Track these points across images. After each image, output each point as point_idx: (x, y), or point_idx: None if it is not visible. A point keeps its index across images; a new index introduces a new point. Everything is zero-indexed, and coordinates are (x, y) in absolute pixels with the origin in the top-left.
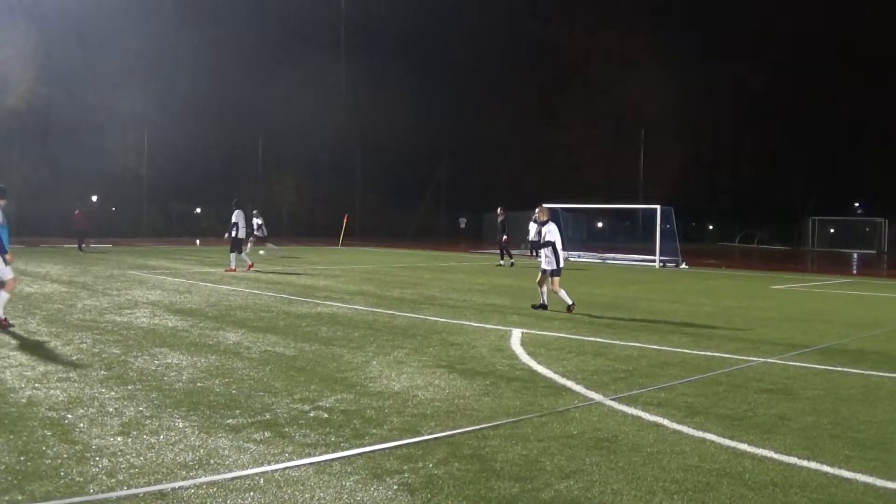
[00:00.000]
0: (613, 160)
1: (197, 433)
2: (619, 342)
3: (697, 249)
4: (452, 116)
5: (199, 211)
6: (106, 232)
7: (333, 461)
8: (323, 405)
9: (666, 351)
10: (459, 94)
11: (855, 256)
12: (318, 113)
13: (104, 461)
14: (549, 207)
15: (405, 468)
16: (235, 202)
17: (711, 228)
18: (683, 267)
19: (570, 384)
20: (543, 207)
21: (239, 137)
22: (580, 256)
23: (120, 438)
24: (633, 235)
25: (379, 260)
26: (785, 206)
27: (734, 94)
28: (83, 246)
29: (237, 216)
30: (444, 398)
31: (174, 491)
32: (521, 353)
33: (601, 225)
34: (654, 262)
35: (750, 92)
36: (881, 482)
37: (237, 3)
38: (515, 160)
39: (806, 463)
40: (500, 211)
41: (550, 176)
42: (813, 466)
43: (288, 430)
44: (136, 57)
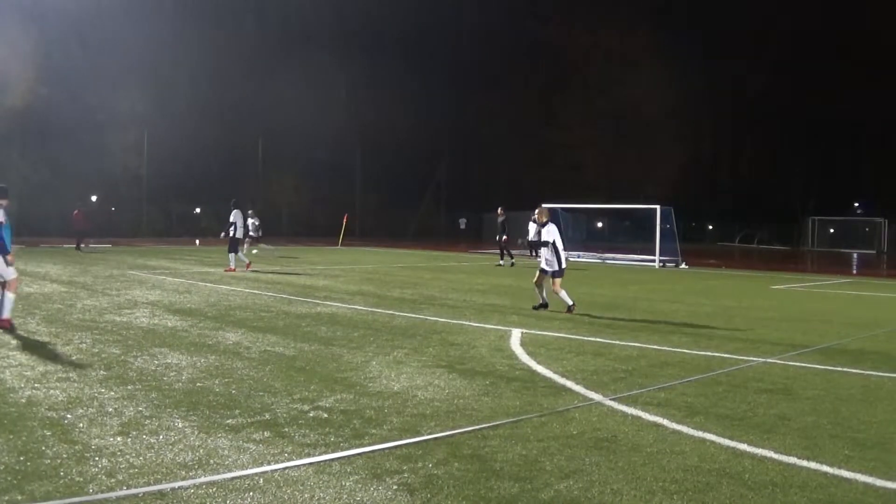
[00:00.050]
0: (613, 160)
1: (196, 433)
2: (618, 342)
3: (697, 249)
4: (452, 116)
5: (198, 211)
6: (106, 232)
7: (333, 461)
8: (322, 405)
9: (666, 351)
10: (459, 94)
11: (855, 256)
12: (318, 113)
13: (104, 461)
14: (549, 208)
15: (405, 468)
16: (234, 202)
17: (711, 228)
18: (683, 267)
19: (569, 384)
20: (543, 208)
21: (239, 137)
22: (580, 256)
23: (119, 438)
24: (632, 235)
25: (379, 260)
26: (785, 206)
27: (734, 94)
28: (82, 246)
29: (235, 216)
30: (443, 398)
31: (174, 491)
32: (520, 353)
33: (601, 225)
34: (653, 262)
35: (750, 92)
36: (881, 482)
37: (237, 3)
38: (515, 160)
39: (806, 463)
40: (500, 211)
41: (550, 176)
42: (813, 466)
43: (287, 430)
44: (136, 57)
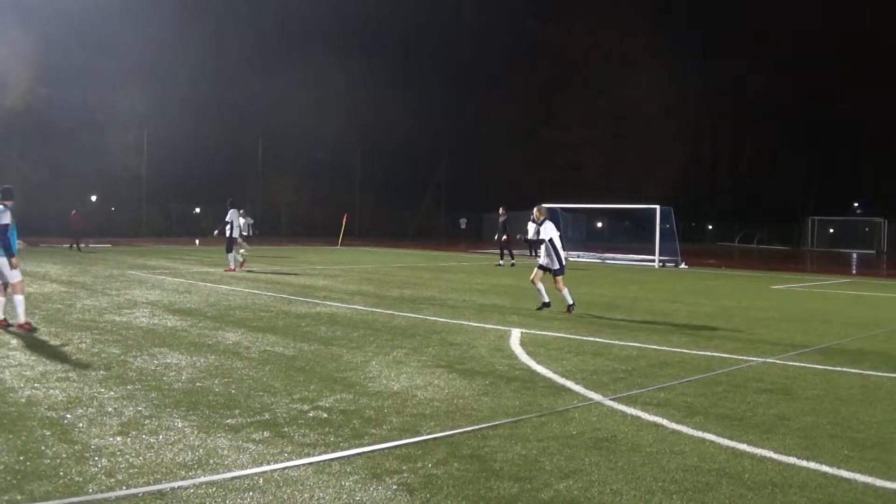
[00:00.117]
0: (613, 160)
1: (196, 433)
2: (618, 342)
3: (697, 249)
4: (452, 116)
5: (198, 211)
6: (105, 232)
7: (333, 461)
8: (322, 405)
9: (665, 351)
10: (459, 94)
11: (854, 256)
12: (318, 113)
13: (103, 461)
14: (548, 207)
15: (404, 468)
16: (230, 201)
17: (711, 228)
18: (683, 267)
19: (569, 384)
20: (541, 207)
21: (239, 137)
22: (580, 256)
23: (119, 438)
24: (632, 235)
25: (378, 260)
26: (785, 206)
27: (734, 94)
28: (81, 246)
29: (231, 215)
30: (443, 398)
31: (173, 491)
32: (520, 352)
33: (601, 225)
34: (653, 262)
35: (750, 92)
36: (880, 482)
37: (237, 3)
38: (515, 160)
39: (805, 463)
40: (501, 211)
41: (550, 176)
42: (812, 466)
43: (287, 429)
44: (136, 57)
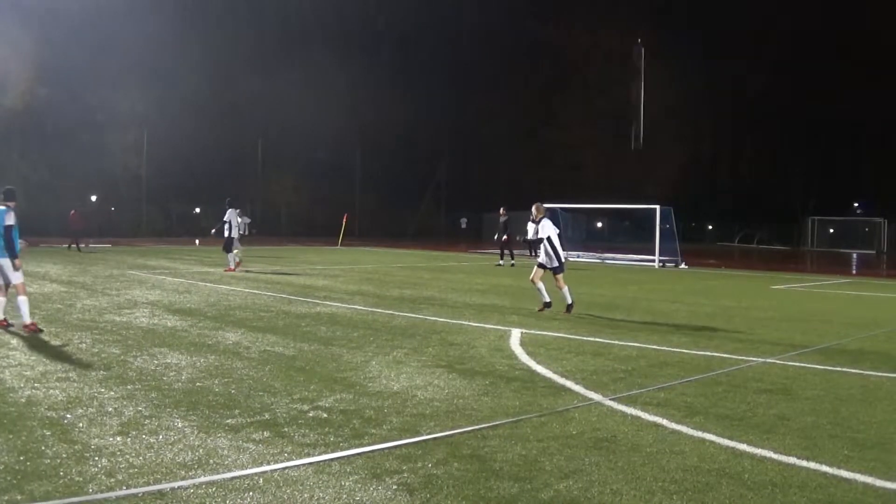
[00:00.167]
0: (613, 160)
1: (196, 433)
2: (618, 342)
3: (697, 249)
4: (452, 116)
5: (198, 211)
6: (105, 232)
7: (333, 461)
8: (322, 405)
9: (665, 351)
10: (459, 94)
11: (854, 256)
12: (318, 113)
13: (103, 461)
14: (547, 207)
15: (404, 468)
16: (228, 201)
17: (711, 228)
18: (683, 267)
19: (569, 384)
20: (539, 205)
21: (239, 137)
22: (580, 256)
23: (119, 438)
24: (632, 235)
25: (378, 260)
26: (785, 206)
27: (734, 94)
28: (81, 246)
29: (230, 215)
30: (443, 398)
31: (173, 491)
32: (520, 352)
33: (601, 225)
34: (653, 262)
35: (750, 92)
36: (880, 482)
37: (237, 3)
38: (515, 160)
39: (805, 463)
40: (502, 211)
41: (550, 176)
42: (812, 466)
43: (287, 429)
44: (136, 57)
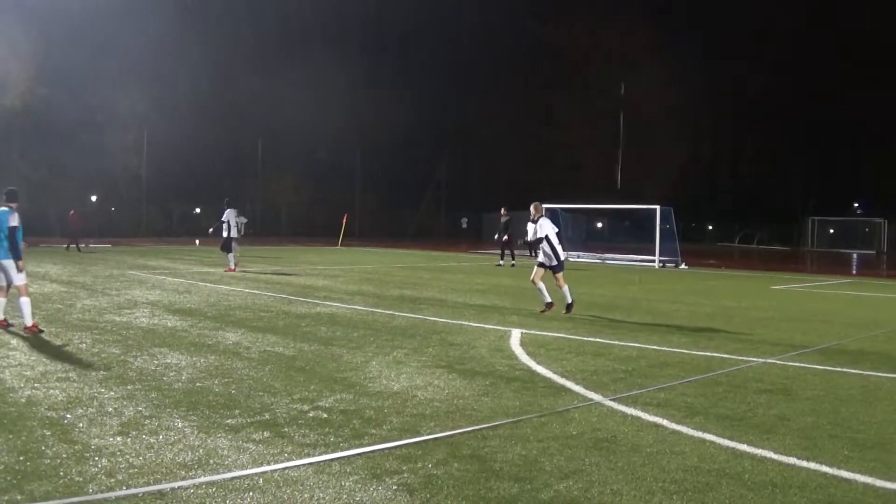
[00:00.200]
0: (613, 160)
1: (196, 433)
2: (618, 342)
3: (697, 250)
4: (452, 116)
5: (198, 211)
6: (105, 232)
7: (333, 461)
8: (322, 405)
9: (665, 351)
10: (459, 94)
11: (854, 257)
12: (318, 113)
13: (103, 461)
14: (548, 207)
15: (404, 468)
16: (227, 201)
17: (711, 229)
18: (683, 267)
19: (569, 384)
20: (537, 204)
21: (239, 137)
22: (580, 257)
23: (119, 438)
24: (632, 236)
25: (378, 260)
26: (785, 206)
27: (734, 94)
28: (81, 246)
29: (228, 215)
30: (443, 398)
31: (173, 491)
32: (520, 353)
33: (601, 225)
34: (653, 262)
35: (750, 92)
36: (880, 482)
37: (237, 2)
38: (515, 160)
39: (805, 463)
40: (503, 212)
41: (550, 176)
42: (812, 467)
43: (287, 430)
44: (136, 57)
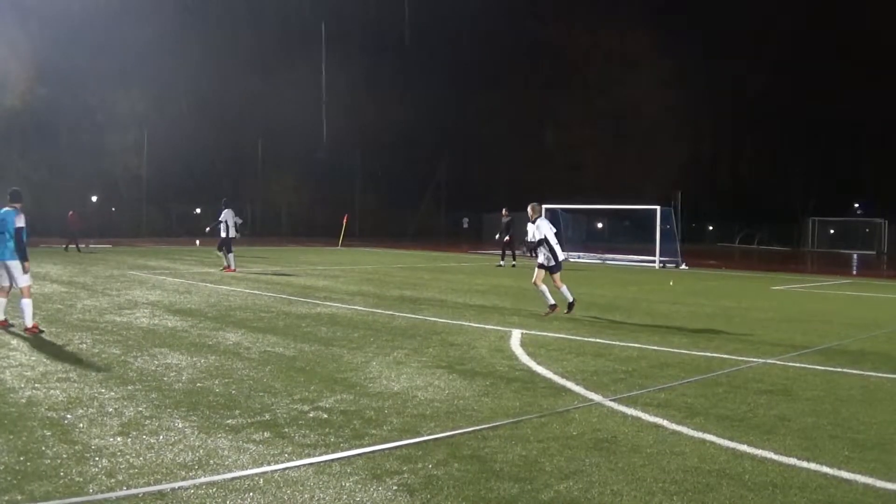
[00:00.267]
0: (613, 160)
1: (196, 433)
2: (618, 343)
3: (697, 250)
4: (452, 116)
5: (199, 211)
6: (105, 232)
7: (333, 462)
8: (322, 406)
9: (666, 352)
10: (459, 94)
11: (855, 257)
12: (318, 113)
13: (104, 461)
14: (548, 207)
15: (405, 469)
16: (224, 201)
17: (711, 229)
18: (683, 268)
19: (569, 385)
20: (534, 205)
21: (239, 137)
22: (580, 257)
23: (119, 439)
24: (632, 236)
25: (378, 260)
26: (785, 206)
27: (734, 94)
28: (81, 247)
29: (226, 215)
30: (443, 399)
31: (174, 491)
32: (520, 353)
33: (601, 225)
34: (653, 262)
35: (750, 92)
36: (881, 483)
37: (237, 2)
38: (515, 160)
39: (806, 464)
40: (504, 212)
41: (550, 176)
42: (813, 467)
43: (287, 430)
44: (136, 57)
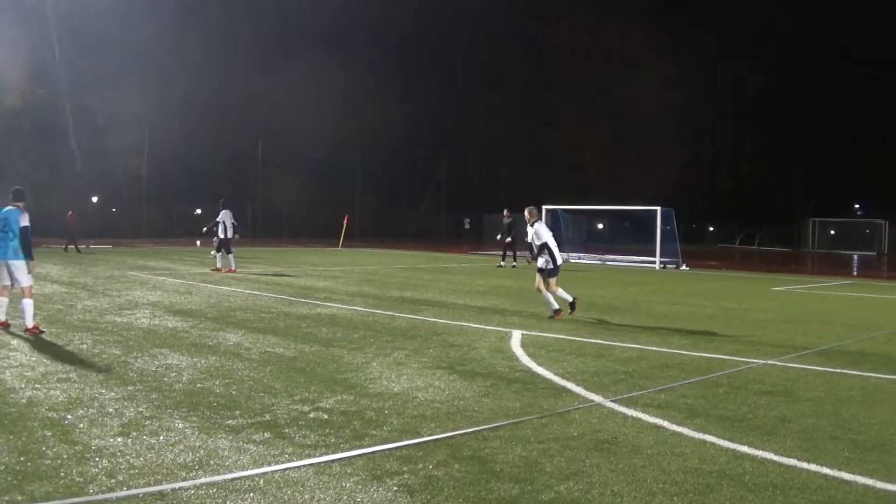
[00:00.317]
0: (613, 160)
1: (197, 434)
2: (619, 344)
3: (698, 251)
4: (452, 116)
5: (199, 212)
6: (106, 233)
7: (333, 462)
8: (323, 406)
9: (666, 353)
10: (459, 94)
11: (855, 258)
12: (318, 113)
13: (104, 462)
14: (548, 208)
15: (405, 469)
16: (222, 201)
17: (712, 230)
18: (684, 268)
19: (570, 386)
20: (531, 209)
21: (239, 137)
22: (580, 258)
23: (120, 439)
24: (633, 237)
25: (379, 261)
26: (785, 206)
27: (734, 94)
28: (81, 247)
29: (224, 215)
30: (443, 399)
31: (174, 492)
32: (521, 354)
33: (601, 226)
34: (654, 263)
35: (750, 92)
36: (881, 484)
37: (237, 2)
38: (515, 160)
39: (806, 465)
40: (506, 213)
41: (550, 176)
42: (813, 468)
43: (288, 431)
44: (136, 57)
